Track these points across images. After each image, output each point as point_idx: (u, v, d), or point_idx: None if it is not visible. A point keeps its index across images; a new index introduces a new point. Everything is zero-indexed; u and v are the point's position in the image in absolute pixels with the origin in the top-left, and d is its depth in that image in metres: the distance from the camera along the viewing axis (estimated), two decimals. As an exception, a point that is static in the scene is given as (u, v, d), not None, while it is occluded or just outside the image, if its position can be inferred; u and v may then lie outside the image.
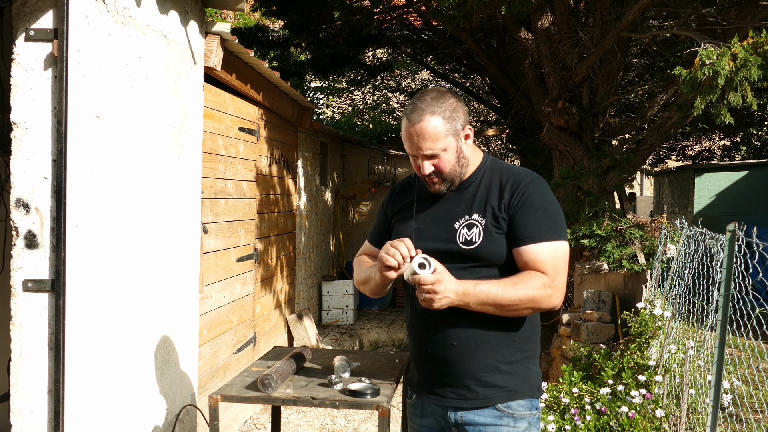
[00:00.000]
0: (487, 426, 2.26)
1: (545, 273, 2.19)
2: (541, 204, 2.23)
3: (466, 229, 2.25)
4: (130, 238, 3.20)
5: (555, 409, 4.45)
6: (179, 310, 3.81)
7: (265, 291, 6.30)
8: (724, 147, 13.94)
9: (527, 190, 2.23)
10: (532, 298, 2.17)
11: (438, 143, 2.22)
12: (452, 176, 2.28)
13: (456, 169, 2.27)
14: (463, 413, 2.28)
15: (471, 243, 2.23)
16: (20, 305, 2.70)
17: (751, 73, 4.44)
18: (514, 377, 2.27)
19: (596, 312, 5.48)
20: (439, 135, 2.21)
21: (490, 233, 2.22)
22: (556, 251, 2.21)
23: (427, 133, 2.21)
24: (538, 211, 2.22)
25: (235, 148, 5.21)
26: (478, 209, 2.26)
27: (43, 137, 2.68)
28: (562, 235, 2.24)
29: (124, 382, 3.18)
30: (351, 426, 5.66)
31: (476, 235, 2.23)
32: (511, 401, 2.26)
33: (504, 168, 2.33)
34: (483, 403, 2.26)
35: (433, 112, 2.21)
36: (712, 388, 3.63)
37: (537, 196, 2.23)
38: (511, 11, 5.64)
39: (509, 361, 2.26)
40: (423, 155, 2.24)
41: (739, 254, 3.51)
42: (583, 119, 7.08)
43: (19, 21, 2.69)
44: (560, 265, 2.21)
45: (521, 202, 2.22)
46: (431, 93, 2.26)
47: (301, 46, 10.46)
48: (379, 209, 2.56)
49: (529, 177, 2.28)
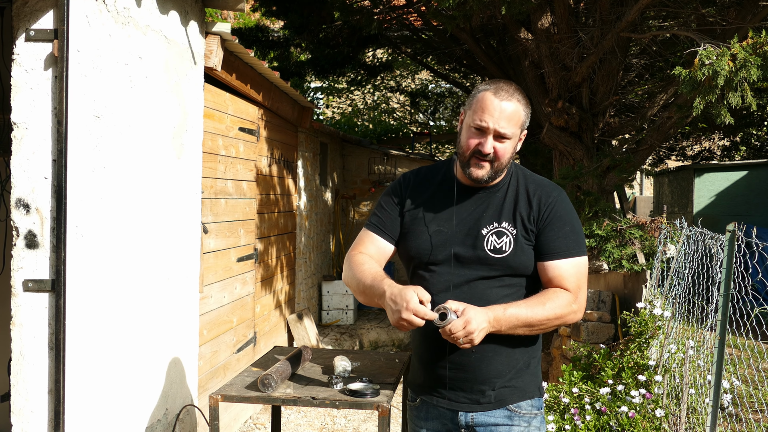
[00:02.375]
0: (498, 426, 2.27)
1: (569, 289, 2.23)
2: (568, 219, 2.27)
3: (495, 237, 2.24)
4: (130, 238, 3.21)
5: (555, 409, 4.46)
6: (179, 310, 3.82)
7: (265, 291, 6.30)
8: (724, 147, 13.93)
9: (556, 205, 2.27)
10: (559, 315, 2.21)
11: (511, 128, 2.22)
12: (501, 166, 2.25)
13: (505, 162, 2.26)
14: (474, 414, 2.28)
15: (500, 252, 2.22)
16: (20, 305, 2.70)
17: (751, 73, 4.45)
18: (523, 378, 2.30)
19: (596, 312, 5.48)
20: (516, 122, 2.23)
21: (520, 244, 2.24)
22: (579, 267, 2.26)
23: (510, 114, 2.21)
24: (566, 227, 2.26)
25: (235, 148, 5.21)
26: (508, 217, 2.26)
27: (43, 137, 2.69)
28: (583, 250, 2.29)
29: (125, 382, 3.18)
30: (351, 426, 5.66)
31: (506, 245, 2.23)
32: (522, 401, 2.29)
33: (529, 176, 2.35)
34: (495, 405, 2.28)
35: (520, 100, 2.24)
36: (712, 388, 3.64)
37: (565, 211, 2.28)
38: (511, 11, 5.64)
39: (519, 364, 2.29)
40: (496, 132, 2.20)
41: (739, 254, 3.51)
42: (583, 119, 7.08)
43: (19, 21, 2.70)
44: (582, 281, 2.27)
45: (550, 216, 2.25)
46: (513, 85, 2.28)
47: (301, 46, 10.46)
48: (386, 197, 2.39)
49: (557, 191, 2.32)
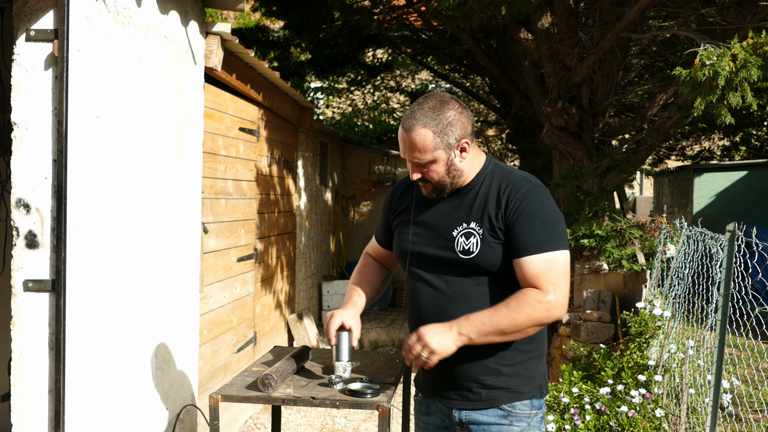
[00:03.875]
0: (491, 425, 2.26)
1: (540, 287, 2.15)
2: (538, 214, 2.19)
3: (464, 238, 2.23)
4: (130, 238, 3.21)
5: (555, 408, 4.46)
6: (179, 310, 3.82)
7: (265, 291, 6.30)
8: (724, 147, 13.93)
9: (525, 200, 2.19)
10: (529, 316, 2.14)
11: (425, 155, 2.20)
12: (441, 186, 2.26)
13: (445, 179, 2.25)
14: (467, 412, 2.29)
15: (469, 253, 2.21)
16: (21, 305, 2.70)
17: (751, 73, 4.45)
18: (517, 378, 2.27)
19: (596, 312, 5.48)
20: (426, 148, 2.19)
21: (487, 243, 2.20)
22: (553, 262, 2.16)
23: (416, 144, 2.20)
24: (535, 221, 2.18)
25: (235, 148, 5.21)
26: (476, 217, 2.24)
27: (43, 137, 2.69)
28: (560, 245, 2.19)
29: (125, 382, 3.19)
30: (351, 426, 5.67)
31: (474, 245, 2.21)
32: (516, 401, 2.27)
33: (504, 174, 2.29)
34: (487, 404, 2.26)
35: (425, 124, 2.19)
36: (712, 388, 3.64)
37: (535, 205, 2.19)
38: (511, 11, 5.64)
39: (511, 363, 2.26)
40: (410, 163, 2.26)
41: (739, 254, 3.52)
42: (583, 119, 7.09)
43: (19, 21, 2.70)
44: (558, 276, 2.16)
45: (518, 212, 2.19)
46: (431, 101, 2.22)
47: (301, 47, 10.46)
48: (382, 207, 2.57)
49: (528, 185, 2.23)
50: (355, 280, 2.60)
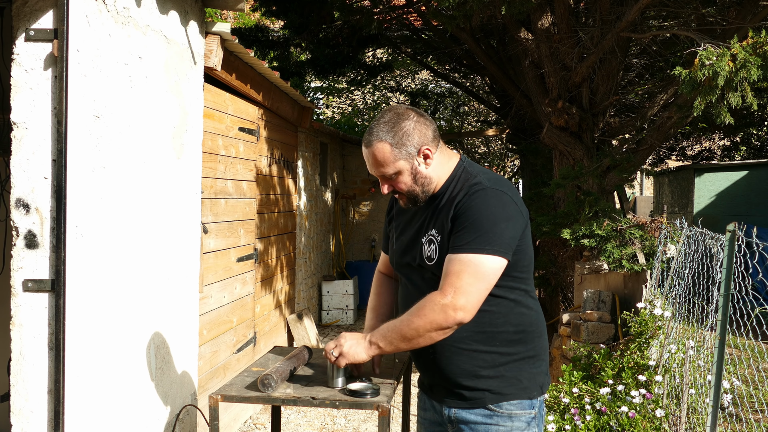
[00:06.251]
0: (478, 425, 2.28)
1: (442, 288, 2.12)
2: (474, 215, 2.14)
3: (427, 245, 2.27)
4: (130, 238, 3.21)
5: (555, 409, 4.45)
6: (179, 310, 3.81)
7: (265, 291, 6.30)
8: (724, 147, 13.94)
9: (468, 201, 2.18)
10: (427, 319, 2.13)
11: (388, 168, 2.25)
12: (412, 195, 2.30)
13: (414, 188, 2.28)
14: (456, 410, 2.32)
15: (431, 259, 2.26)
16: (20, 305, 2.70)
17: (751, 73, 4.44)
18: (500, 380, 2.25)
19: (596, 312, 5.48)
20: (387, 161, 2.24)
21: (445, 249, 2.21)
22: (468, 264, 2.10)
23: (377, 158, 2.25)
24: (467, 222, 2.15)
25: (235, 148, 5.21)
26: (436, 223, 2.27)
27: (43, 137, 2.69)
28: (486, 249, 2.11)
29: (125, 382, 3.18)
30: (351, 426, 5.66)
31: (434, 252, 2.24)
32: (502, 402, 2.26)
33: (467, 177, 2.27)
34: (472, 404, 2.28)
35: (381, 138, 2.23)
36: (712, 388, 3.63)
37: (475, 207, 2.15)
38: (511, 11, 5.64)
39: (492, 366, 2.25)
40: (379, 177, 2.31)
41: (739, 254, 3.51)
42: (583, 119, 7.08)
43: (19, 21, 2.69)
44: (467, 280, 2.09)
45: (459, 212, 2.19)
46: (387, 115, 2.26)
47: (301, 46, 10.46)
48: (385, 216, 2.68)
49: (477, 187, 2.19)
50: (372, 305, 2.67)
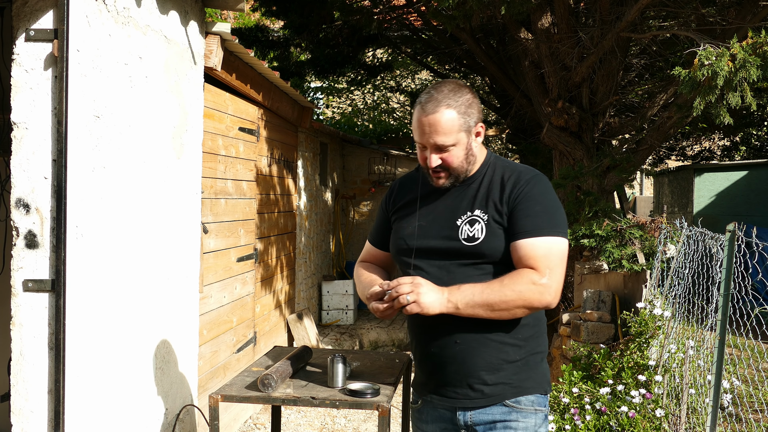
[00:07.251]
0: (496, 423, 2.22)
1: (537, 269, 2.12)
2: (540, 200, 2.20)
3: (468, 226, 2.22)
4: (130, 238, 3.21)
5: (555, 409, 4.46)
6: (179, 310, 3.82)
7: (265, 291, 6.30)
8: (724, 147, 13.94)
9: (528, 186, 2.21)
10: (521, 295, 2.11)
11: (449, 137, 2.19)
12: (458, 172, 2.25)
13: (463, 165, 2.25)
14: (471, 414, 2.24)
15: (474, 239, 2.20)
16: (20, 305, 2.70)
17: (751, 73, 4.45)
18: (520, 374, 2.24)
19: (596, 312, 5.48)
20: (452, 129, 2.18)
21: (492, 229, 2.19)
22: (551, 248, 2.16)
23: (440, 125, 2.18)
24: (536, 206, 2.18)
25: (235, 148, 5.21)
26: (480, 205, 2.24)
27: (43, 137, 2.69)
28: (560, 232, 2.20)
29: (125, 382, 3.18)
30: (351, 426, 5.66)
31: (479, 231, 2.20)
32: (520, 396, 2.23)
33: (507, 165, 2.32)
34: (489, 401, 2.22)
35: (449, 105, 2.18)
36: (712, 388, 3.64)
37: (537, 192, 2.21)
38: (511, 11, 5.64)
39: (514, 359, 2.23)
40: (433, 147, 2.22)
41: (739, 254, 3.52)
42: (583, 119, 7.08)
43: (19, 21, 2.70)
44: (555, 262, 2.15)
45: (521, 196, 2.20)
46: (449, 85, 2.23)
47: (301, 46, 10.46)
48: (379, 208, 2.52)
49: (531, 173, 2.26)
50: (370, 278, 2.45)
